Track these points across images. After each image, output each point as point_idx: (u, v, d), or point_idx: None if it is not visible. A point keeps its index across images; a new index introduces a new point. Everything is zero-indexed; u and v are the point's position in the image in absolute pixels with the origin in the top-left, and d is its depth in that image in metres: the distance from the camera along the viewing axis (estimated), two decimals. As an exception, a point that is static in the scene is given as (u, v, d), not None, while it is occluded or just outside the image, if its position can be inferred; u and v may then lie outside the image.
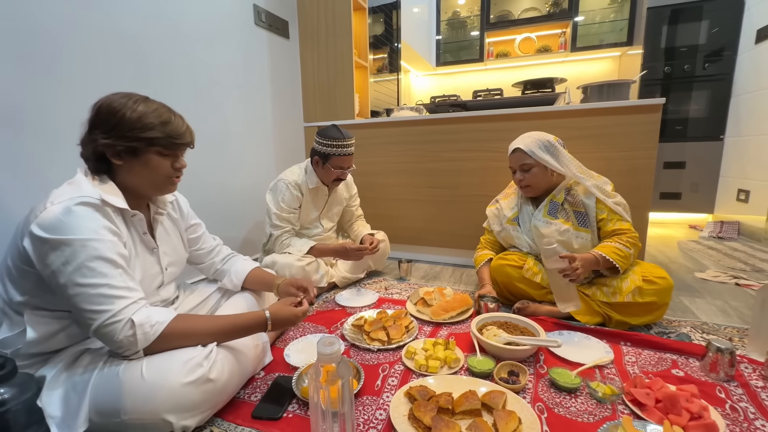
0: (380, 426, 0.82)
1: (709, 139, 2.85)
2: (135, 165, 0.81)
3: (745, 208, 2.57)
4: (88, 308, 0.71)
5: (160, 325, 0.75)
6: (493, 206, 1.60)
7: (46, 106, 1.20)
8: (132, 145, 0.79)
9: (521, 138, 1.43)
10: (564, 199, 1.38)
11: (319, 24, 2.26)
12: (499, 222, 1.55)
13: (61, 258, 0.70)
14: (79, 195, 0.73)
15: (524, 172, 1.40)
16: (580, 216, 1.35)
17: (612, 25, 3.27)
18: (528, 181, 1.40)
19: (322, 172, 1.61)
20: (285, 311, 0.93)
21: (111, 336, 0.72)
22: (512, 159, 1.44)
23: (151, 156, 0.82)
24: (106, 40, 1.36)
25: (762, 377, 0.96)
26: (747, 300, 1.50)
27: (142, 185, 0.85)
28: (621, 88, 1.76)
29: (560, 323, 1.27)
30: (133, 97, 0.81)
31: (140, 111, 0.79)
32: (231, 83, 1.93)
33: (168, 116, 0.82)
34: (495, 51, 3.75)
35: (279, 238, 1.62)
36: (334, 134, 1.54)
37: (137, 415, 0.72)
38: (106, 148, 0.78)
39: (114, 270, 0.73)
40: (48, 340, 0.79)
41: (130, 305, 0.73)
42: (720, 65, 2.76)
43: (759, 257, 2.07)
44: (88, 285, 0.70)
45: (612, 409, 0.86)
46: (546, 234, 1.34)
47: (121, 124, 0.78)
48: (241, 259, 1.21)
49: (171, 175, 0.87)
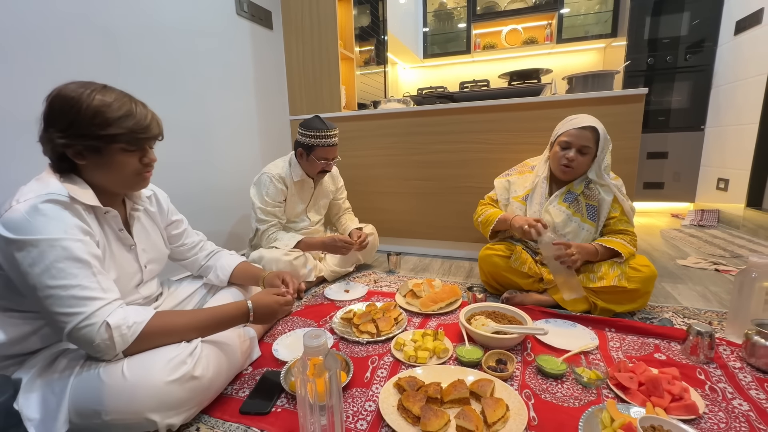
0: (369, 417, 0.82)
1: (691, 130, 2.91)
2: (100, 163, 0.75)
3: (725, 197, 2.64)
4: (59, 311, 0.67)
5: (138, 325, 0.72)
6: (504, 178, 1.54)
7: (16, 99, 1.15)
8: (92, 143, 0.72)
9: (591, 118, 1.32)
10: (581, 192, 1.35)
11: (303, 14, 2.22)
12: (506, 195, 1.50)
13: (28, 259, 0.66)
14: (46, 192, 0.70)
15: (581, 154, 1.30)
16: (591, 209, 1.34)
17: (597, 16, 3.29)
18: (577, 164, 1.31)
19: (307, 164, 1.59)
20: (266, 299, 0.91)
21: (86, 339, 0.68)
22: (577, 135, 1.29)
23: (115, 153, 0.75)
24: (79, 30, 1.31)
25: (739, 358, 1.00)
26: (726, 285, 1.55)
27: (110, 183, 0.80)
28: (605, 79, 1.77)
29: (547, 311, 1.29)
30: (89, 86, 0.73)
31: (96, 105, 0.71)
32: (213, 75, 1.88)
33: (129, 107, 0.75)
34: (482, 43, 3.74)
35: (266, 233, 1.60)
36: (318, 125, 1.52)
37: (119, 416, 0.70)
38: (65, 148, 0.72)
39: (85, 270, 0.70)
40: (19, 342, 0.76)
41: (104, 306, 0.70)
42: (701, 56, 2.81)
43: (737, 244, 2.13)
44: (58, 287, 0.67)
45: (597, 394, 0.88)
46: (558, 222, 1.34)
47: (78, 122, 0.71)
48: (226, 254, 1.19)
49: (140, 171, 0.81)
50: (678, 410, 0.79)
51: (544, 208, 1.38)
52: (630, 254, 1.28)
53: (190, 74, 1.76)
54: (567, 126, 1.33)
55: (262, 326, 1.17)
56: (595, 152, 1.31)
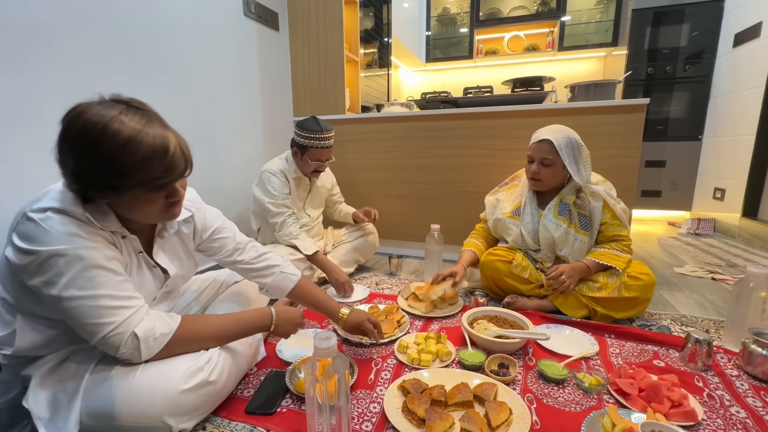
0: (374, 419, 0.83)
1: (688, 139, 2.95)
2: (120, 201, 0.69)
3: (721, 206, 2.68)
4: (88, 321, 0.66)
5: (165, 336, 0.72)
6: (493, 196, 1.57)
7: (25, 97, 1.16)
8: (114, 183, 0.64)
9: (552, 130, 1.33)
10: (573, 202, 1.35)
11: (309, 16, 2.23)
12: (493, 212, 1.52)
13: (53, 270, 0.63)
14: (68, 207, 0.66)
15: (543, 166, 1.32)
16: (583, 219, 1.34)
17: (598, 25, 3.33)
18: (542, 176, 1.33)
19: (301, 163, 1.60)
20: (293, 314, 0.91)
21: (114, 347, 0.68)
22: (535, 149, 1.34)
23: (137, 195, 0.67)
24: (90, 30, 1.31)
25: (737, 366, 1.01)
26: (722, 294, 1.57)
27: (135, 218, 0.74)
28: (607, 88, 1.80)
29: (548, 317, 1.30)
30: (114, 113, 0.62)
31: (108, 154, 0.61)
32: (219, 76, 1.89)
33: (148, 148, 0.63)
34: (484, 48, 3.78)
35: (284, 224, 1.57)
36: (312, 126, 1.53)
37: (135, 419, 0.70)
38: (82, 183, 0.65)
39: (112, 278, 0.68)
40: (42, 347, 0.75)
41: (133, 315, 0.69)
42: (700, 67, 2.85)
43: (733, 253, 2.16)
44: (86, 297, 0.65)
45: (598, 399, 0.89)
46: (556, 237, 1.33)
47: (89, 170, 0.63)
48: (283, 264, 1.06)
49: (167, 208, 0.73)
50: (677, 416, 0.80)
51: (541, 223, 1.38)
52: (626, 263, 1.28)
53: (198, 73, 1.76)
54: (531, 140, 1.37)
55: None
56: (561, 162, 1.30)
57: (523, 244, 1.45)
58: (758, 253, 2.17)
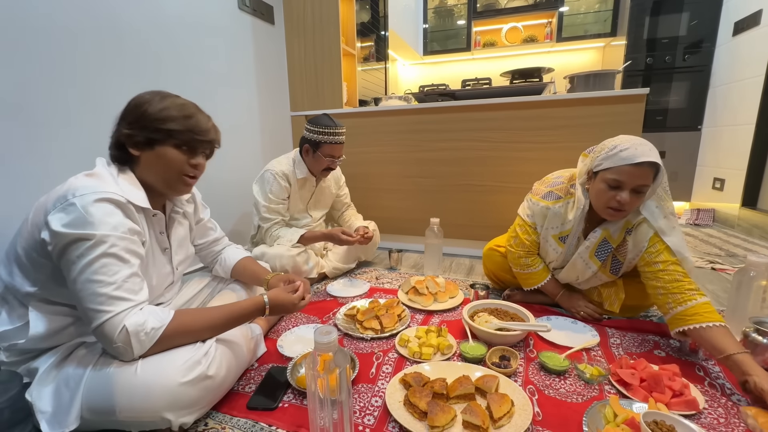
0: (376, 413, 0.83)
1: (688, 129, 2.94)
2: (150, 157, 0.81)
3: (720, 196, 2.68)
4: (90, 306, 0.69)
5: (156, 331, 0.73)
6: (543, 202, 1.22)
7: (19, 92, 1.14)
8: (150, 136, 0.79)
9: (649, 147, 1.00)
10: (617, 245, 1.13)
11: (305, 9, 2.20)
12: (542, 223, 1.25)
13: (77, 251, 0.69)
14: (103, 190, 0.72)
15: (636, 193, 1.02)
16: (615, 264, 1.16)
17: (596, 15, 3.30)
18: (630, 207, 1.04)
19: (312, 160, 1.59)
20: (283, 297, 0.92)
21: (107, 338, 0.69)
22: (633, 173, 0.99)
23: (167, 148, 0.81)
24: (82, 25, 1.29)
25: (737, 355, 1.01)
26: (722, 283, 1.57)
27: (156, 180, 0.84)
28: (606, 79, 1.78)
29: (548, 309, 1.30)
30: (162, 93, 0.83)
31: (164, 104, 0.80)
32: (214, 70, 1.87)
33: (191, 111, 0.83)
34: (482, 40, 3.74)
35: (269, 231, 1.60)
36: (326, 122, 1.53)
37: (134, 414, 0.70)
38: (126, 138, 0.80)
39: (126, 270, 0.72)
40: (55, 335, 0.77)
41: (130, 309, 0.71)
42: (699, 57, 2.83)
43: (732, 243, 2.16)
44: (96, 282, 0.69)
45: (599, 390, 0.89)
46: (580, 275, 1.20)
47: (144, 116, 0.79)
48: (233, 248, 1.21)
49: (186, 172, 0.85)
50: (679, 406, 0.80)
51: (571, 261, 1.20)
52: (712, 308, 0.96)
53: (192, 68, 1.74)
54: (616, 160, 1.01)
55: (267, 323, 1.18)
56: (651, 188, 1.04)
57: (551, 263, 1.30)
58: (758, 242, 2.17)
